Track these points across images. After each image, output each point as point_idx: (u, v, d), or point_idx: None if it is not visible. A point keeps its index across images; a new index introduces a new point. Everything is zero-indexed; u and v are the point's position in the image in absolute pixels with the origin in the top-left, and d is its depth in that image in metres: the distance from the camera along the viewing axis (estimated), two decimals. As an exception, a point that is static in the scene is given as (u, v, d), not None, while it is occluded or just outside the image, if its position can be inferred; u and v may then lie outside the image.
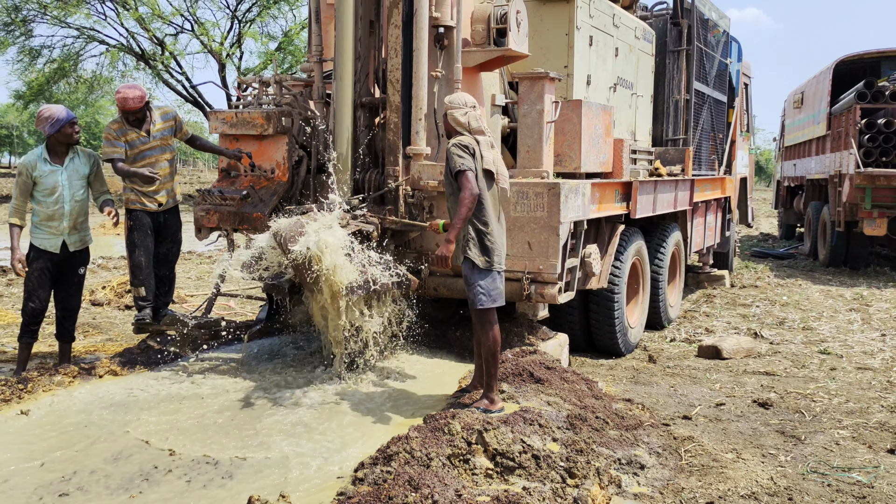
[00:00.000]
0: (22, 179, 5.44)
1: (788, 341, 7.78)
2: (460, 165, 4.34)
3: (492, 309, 4.49)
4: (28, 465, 3.85)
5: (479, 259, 4.42)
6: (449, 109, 4.53)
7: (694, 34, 9.11)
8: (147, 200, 5.59)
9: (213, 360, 5.61)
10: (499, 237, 4.50)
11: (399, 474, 3.53)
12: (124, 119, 5.51)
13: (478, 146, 4.41)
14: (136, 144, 5.53)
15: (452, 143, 4.44)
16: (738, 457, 4.50)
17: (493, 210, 4.47)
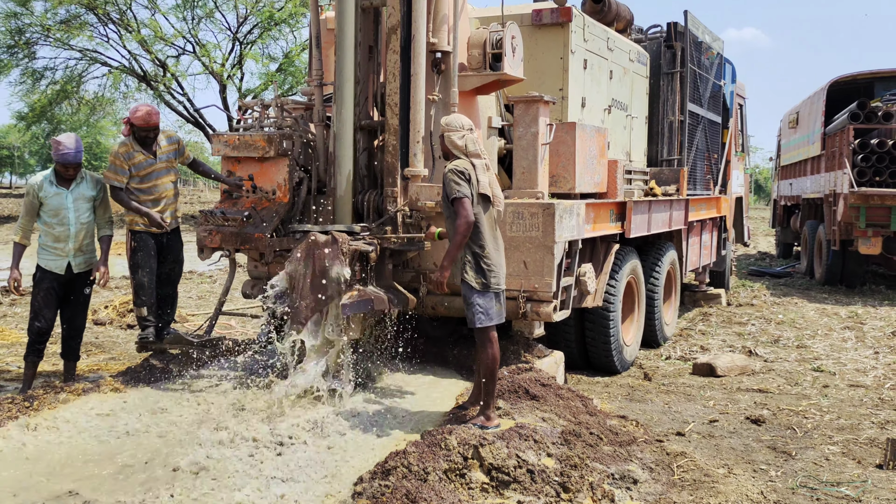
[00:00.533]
0: (28, 199, 5.59)
1: (783, 359, 7.88)
2: (456, 193, 4.47)
3: (491, 327, 4.60)
4: (36, 480, 3.94)
5: (476, 281, 4.54)
6: (446, 132, 4.66)
7: (687, 57, 9.29)
8: (153, 224, 5.72)
9: (215, 377, 5.70)
10: (496, 258, 4.62)
11: (396, 488, 3.62)
12: (135, 140, 5.66)
13: (473, 170, 4.54)
14: (142, 166, 5.68)
15: (449, 168, 4.56)
16: (729, 472, 4.60)
17: (489, 233, 4.59)
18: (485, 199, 4.59)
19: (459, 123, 4.66)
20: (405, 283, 5.92)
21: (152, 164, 5.73)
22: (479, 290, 4.55)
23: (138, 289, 5.68)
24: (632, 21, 9.07)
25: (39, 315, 5.62)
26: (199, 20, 29.32)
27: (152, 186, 5.74)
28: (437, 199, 5.64)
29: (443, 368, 6.17)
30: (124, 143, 5.72)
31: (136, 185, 5.70)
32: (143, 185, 5.71)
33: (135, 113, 5.63)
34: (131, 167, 5.65)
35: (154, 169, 5.75)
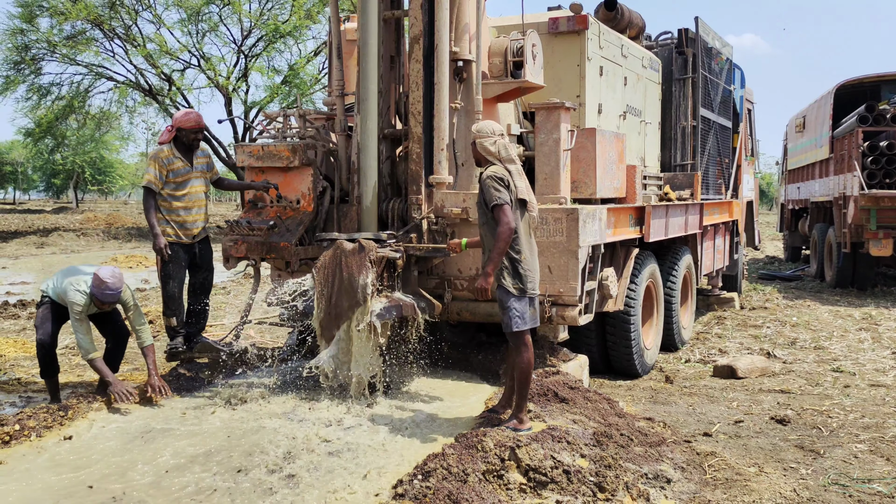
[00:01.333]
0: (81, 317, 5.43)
1: (801, 360, 7.91)
2: (497, 199, 4.50)
3: (526, 332, 4.64)
4: (77, 489, 3.99)
5: (513, 287, 4.57)
6: (478, 138, 4.70)
7: (699, 62, 9.37)
8: (183, 233, 5.81)
9: (244, 386, 5.76)
10: (532, 263, 4.66)
11: (439, 489, 3.67)
12: (175, 147, 5.80)
13: (510, 177, 4.58)
14: (180, 173, 5.82)
15: (487, 174, 4.58)
16: (760, 471, 4.63)
17: (525, 238, 4.63)
18: (522, 204, 4.63)
19: (490, 129, 4.70)
20: (430, 290, 5.98)
21: (189, 172, 5.88)
22: (516, 295, 4.59)
23: (168, 300, 5.75)
24: (644, 28, 9.15)
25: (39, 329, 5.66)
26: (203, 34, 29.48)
27: (186, 194, 5.88)
28: (462, 205, 5.72)
29: (467, 373, 6.22)
30: (164, 149, 5.84)
31: (170, 191, 5.83)
32: (177, 191, 5.84)
33: (185, 117, 5.83)
34: (169, 172, 5.78)
35: (190, 177, 5.89)
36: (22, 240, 23.45)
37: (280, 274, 6.55)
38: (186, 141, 5.92)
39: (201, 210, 5.97)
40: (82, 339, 5.35)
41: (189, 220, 5.88)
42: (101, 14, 26.28)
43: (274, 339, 8.45)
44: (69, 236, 24.82)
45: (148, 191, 5.80)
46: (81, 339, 5.35)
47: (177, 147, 5.90)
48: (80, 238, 24.85)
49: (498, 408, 5.01)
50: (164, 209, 5.83)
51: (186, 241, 5.86)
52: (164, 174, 5.78)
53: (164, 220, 5.82)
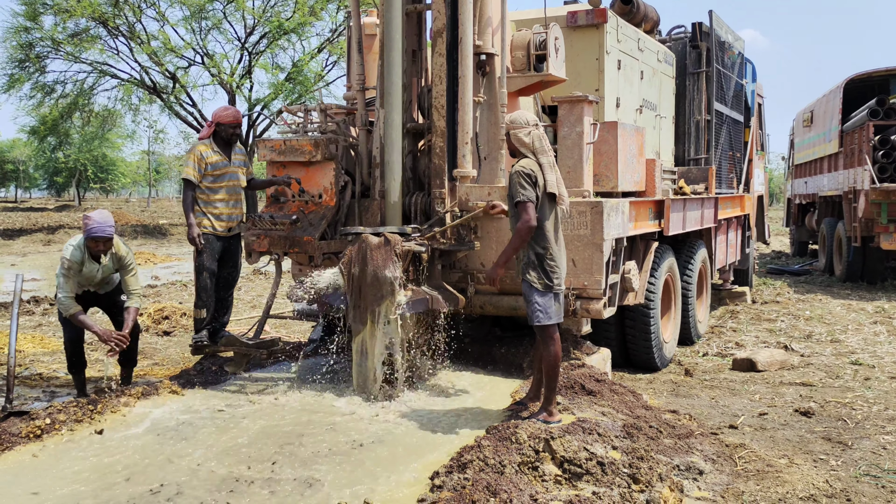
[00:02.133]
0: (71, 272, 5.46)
1: (819, 353, 7.92)
2: (520, 196, 4.51)
3: (552, 325, 4.64)
4: (115, 481, 4.00)
5: (538, 282, 4.58)
6: (512, 129, 4.67)
7: (713, 56, 9.36)
8: (219, 225, 5.90)
9: (269, 379, 5.77)
10: (559, 258, 4.66)
11: (477, 481, 3.68)
12: (214, 141, 5.99)
13: (540, 171, 4.57)
14: (218, 166, 5.95)
15: (515, 169, 4.57)
16: (791, 462, 4.64)
17: (552, 233, 4.63)
18: (551, 198, 4.62)
19: (525, 120, 4.68)
20: (453, 284, 5.98)
21: (227, 166, 6.02)
22: (541, 290, 4.59)
23: (201, 291, 5.79)
24: (658, 22, 9.15)
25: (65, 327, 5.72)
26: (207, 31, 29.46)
27: (223, 187, 6.02)
28: (487, 199, 5.72)
29: (490, 367, 6.22)
30: (204, 143, 5.97)
31: (208, 184, 5.95)
32: (214, 184, 5.97)
33: (224, 112, 6.04)
34: (207, 165, 5.90)
35: (228, 170, 6.03)
36: (28, 237, 23.46)
37: (301, 268, 6.56)
38: (225, 136, 6.08)
39: (238, 203, 6.11)
40: (63, 297, 5.38)
41: (226, 213, 6.04)
42: (106, 11, 26.23)
43: (289, 334, 8.46)
44: (75, 233, 24.78)
45: (187, 183, 5.96)
46: (62, 297, 5.38)
47: (215, 142, 6.07)
48: (85, 235, 24.82)
49: (526, 400, 5.02)
50: (202, 201, 5.98)
51: (222, 232, 5.94)
52: (202, 167, 5.91)
53: (201, 212, 5.94)
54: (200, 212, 5.95)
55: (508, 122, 4.73)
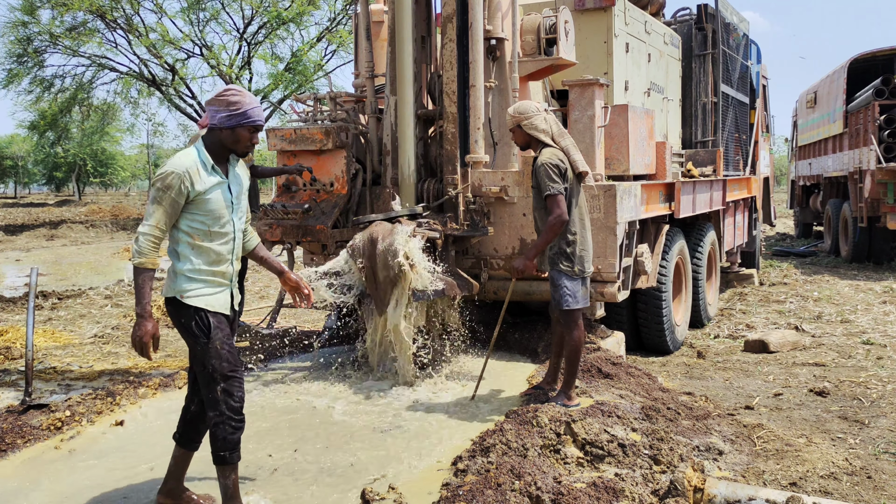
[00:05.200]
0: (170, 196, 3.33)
1: (830, 334, 7.93)
2: (551, 189, 4.45)
3: (578, 311, 4.64)
4: (137, 471, 4.01)
5: (570, 270, 4.58)
6: (524, 121, 4.59)
7: (719, 38, 9.32)
8: None
9: (285, 368, 5.78)
10: (586, 243, 4.65)
11: (501, 464, 3.69)
12: None
13: (567, 157, 4.54)
14: None
15: (544, 160, 4.48)
16: (809, 441, 4.66)
17: (579, 218, 4.61)
18: (579, 179, 4.60)
19: (534, 108, 4.63)
20: (466, 269, 5.98)
21: None
22: (570, 276, 4.58)
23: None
24: (664, 5, 9.10)
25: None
26: (205, 22, 29.34)
27: None
28: (500, 184, 5.71)
29: (505, 352, 6.23)
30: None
31: None
32: None
33: None
34: None
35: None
36: (31, 233, 23.44)
37: (314, 257, 6.56)
38: None
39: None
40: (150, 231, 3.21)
41: None
42: (103, 4, 26.11)
43: (302, 324, 8.47)
44: (78, 228, 24.82)
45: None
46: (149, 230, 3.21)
47: None
48: (88, 230, 24.84)
49: (543, 384, 5.02)
50: None
51: None
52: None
53: None
54: None
55: (517, 113, 4.60)
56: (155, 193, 3.24)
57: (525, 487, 3.53)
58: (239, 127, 3.34)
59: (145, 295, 3.24)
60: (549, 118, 4.61)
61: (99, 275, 14.43)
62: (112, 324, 8.72)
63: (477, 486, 3.46)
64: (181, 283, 3.30)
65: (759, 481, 4.06)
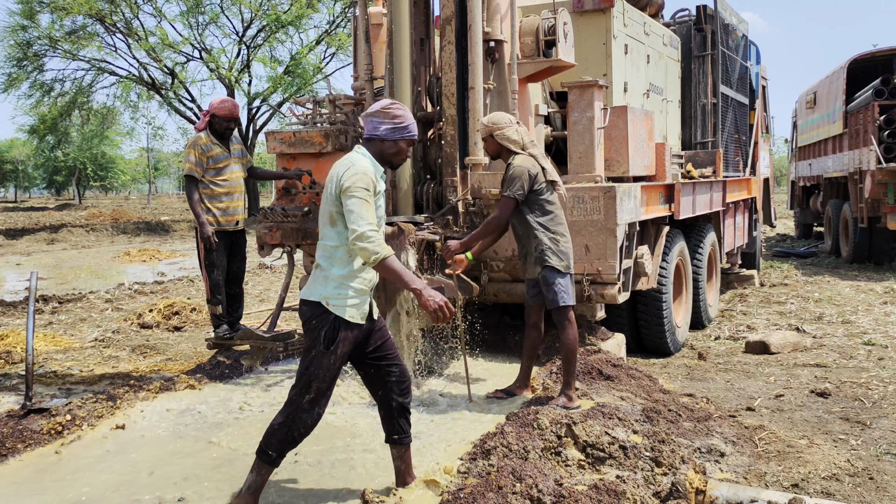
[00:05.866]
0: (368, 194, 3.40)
1: (831, 335, 7.92)
2: (508, 191, 4.64)
3: (570, 308, 4.67)
4: (138, 474, 4.00)
5: (560, 265, 4.67)
6: (496, 131, 4.73)
7: (718, 39, 9.33)
8: (225, 220, 5.85)
9: (286, 372, 5.77)
10: (569, 241, 4.80)
11: (502, 467, 3.68)
12: (213, 133, 5.86)
13: (539, 165, 4.69)
14: (219, 159, 5.86)
15: (517, 165, 4.66)
16: (811, 442, 4.65)
17: (559, 216, 4.76)
18: (553, 185, 4.71)
19: (507, 119, 4.78)
20: (466, 272, 5.95)
21: (227, 158, 5.94)
22: (562, 273, 4.65)
23: (214, 287, 5.78)
24: (662, 6, 9.10)
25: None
26: (205, 26, 29.39)
27: (226, 179, 5.96)
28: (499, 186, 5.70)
29: (504, 355, 6.23)
30: (202, 135, 5.89)
31: (210, 177, 5.89)
32: (217, 177, 5.90)
33: (220, 104, 5.88)
34: (209, 159, 5.84)
35: (229, 162, 5.96)
36: (32, 237, 23.45)
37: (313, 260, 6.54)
38: (219, 129, 5.96)
39: (241, 195, 6.05)
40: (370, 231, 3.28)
41: (231, 206, 5.96)
42: (102, 8, 26.18)
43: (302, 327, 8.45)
44: (78, 232, 24.80)
45: (190, 178, 5.85)
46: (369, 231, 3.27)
47: (212, 133, 5.93)
48: (88, 233, 24.84)
49: (513, 388, 5.07)
50: (206, 196, 5.87)
51: (229, 228, 5.90)
52: (203, 161, 5.83)
53: (205, 208, 5.85)
54: (205, 208, 5.87)
55: (491, 123, 4.76)
56: (360, 194, 3.30)
57: (526, 490, 3.52)
58: (401, 140, 3.53)
59: (408, 273, 3.39)
60: (520, 129, 4.73)
61: (99, 279, 14.43)
62: (112, 328, 8.71)
63: (478, 489, 3.46)
64: (331, 288, 3.41)
65: (760, 483, 4.05)
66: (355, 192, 3.29)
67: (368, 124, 3.53)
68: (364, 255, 3.28)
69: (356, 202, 3.27)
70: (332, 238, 3.42)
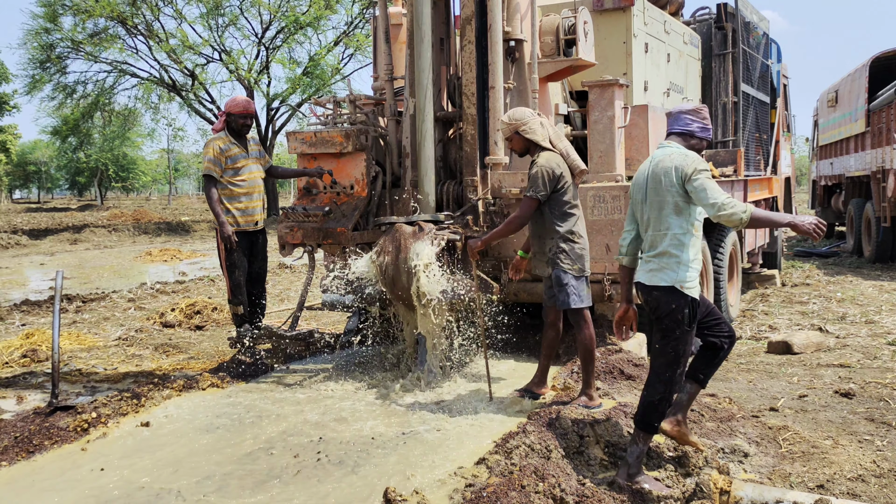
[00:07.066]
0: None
1: (854, 335, 7.84)
2: (530, 191, 4.59)
3: (585, 309, 4.66)
4: (162, 472, 4.05)
5: (573, 268, 4.66)
6: (521, 128, 4.69)
7: (738, 37, 9.26)
8: (245, 220, 5.89)
9: (308, 371, 5.80)
10: (586, 242, 4.78)
11: (525, 466, 3.68)
12: (229, 133, 5.87)
13: (564, 161, 4.65)
14: (237, 159, 5.89)
15: (542, 164, 4.61)
16: (836, 443, 4.60)
17: (579, 217, 4.72)
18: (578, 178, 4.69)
19: (528, 113, 4.74)
20: (486, 271, 5.98)
21: (245, 158, 5.97)
22: (575, 275, 4.64)
23: (235, 288, 5.82)
24: (683, 4, 9.05)
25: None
26: (224, 28, 29.59)
27: (244, 180, 5.99)
28: (520, 185, 5.71)
29: (525, 354, 6.23)
30: (220, 136, 5.92)
31: (229, 178, 5.91)
32: (236, 178, 5.93)
33: (233, 102, 5.92)
34: (227, 159, 5.87)
35: (248, 162, 5.99)
36: (55, 237, 23.74)
37: (335, 260, 6.58)
38: (236, 127, 6.01)
39: (261, 195, 6.07)
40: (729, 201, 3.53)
41: (251, 206, 5.99)
42: (124, 11, 26.43)
43: (323, 326, 8.50)
44: (101, 232, 25.08)
45: (209, 179, 5.88)
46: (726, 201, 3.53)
47: (230, 134, 5.96)
48: (111, 234, 25.10)
49: (531, 386, 5.05)
50: (225, 197, 5.90)
51: (249, 228, 5.93)
52: (222, 161, 5.86)
53: (224, 208, 5.88)
54: (224, 208, 5.90)
55: (514, 121, 4.72)
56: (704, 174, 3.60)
57: (549, 489, 3.52)
58: (706, 139, 3.92)
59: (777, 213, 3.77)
60: (544, 122, 4.67)
61: (122, 278, 14.58)
62: (135, 326, 8.81)
63: (500, 488, 3.46)
64: (683, 272, 3.71)
65: (785, 484, 4.02)
66: (700, 173, 3.59)
67: (679, 121, 3.86)
68: (734, 220, 3.50)
69: (703, 181, 3.57)
70: (680, 226, 3.71)
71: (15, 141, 45.90)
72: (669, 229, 3.71)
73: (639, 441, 3.81)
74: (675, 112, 3.92)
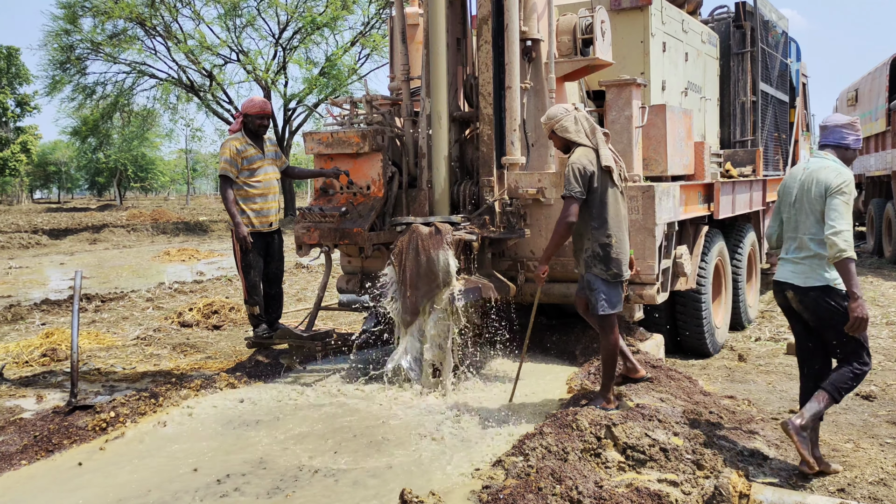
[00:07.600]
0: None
1: (875, 336, 7.74)
2: (566, 190, 4.48)
3: (613, 315, 4.60)
4: (181, 472, 4.07)
5: (607, 274, 4.54)
6: (556, 125, 4.62)
7: (757, 36, 9.18)
8: (260, 221, 5.91)
9: (325, 371, 5.81)
10: (622, 244, 4.59)
11: (542, 468, 3.67)
12: (245, 134, 5.89)
13: (597, 157, 4.52)
14: (254, 160, 5.91)
15: (572, 162, 4.51)
16: (857, 446, 4.55)
17: (614, 218, 4.55)
18: (608, 174, 4.55)
19: (562, 109, 4.66)
20: (503, 272, 5.96)
21: (262, 159, 5.99)
22: (609, 281, 4.55)
23: (251, 288, 5.84)
24: (701, 3, 8.99)
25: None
26: (242, 28, 29.75)
27: (260, 181, 6.00)
28: (537, 185, 5.69)
29: (542, 355, 6.20)
30: (237, 137, 5.94)
31: (245, 178, 5.93)
32: (251, 178, 5.95)
33: (249, 103, 5.96)
34: (243, 160, 5.89)
35: (264, 164, 6.01)
36: (75, 237, 23.96)
37: (350, 260, 6.59)
38: (253, 127, 6.04)
39: (276, 197, 6.10)
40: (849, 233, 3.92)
41: (266, 207, 6.02)
42: (143, 12, 26.64)
43: (339, 326, 8.52)
44: (120, 232, 25.28)
45: (225, 179, 5.91)
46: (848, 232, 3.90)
47: (247, 135, 5.99)
48: (129, 234, 25.30)
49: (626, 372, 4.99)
50: (241, 197, 5.93)
51: (264, 229, 5.95)
52: (238, 162, 5.89)
53: (240, 209, 5.91)
54: (240, 209, 5.93)
55: (547, 120, 4.66)
56: (847, 198, 3.92)
57: (566, 492, 3.50)
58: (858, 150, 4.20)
59: (857, 279, 3.93)
60: (579, 116, 4.59)
61: (140, 278, 14.69)
62: (153, 326, 8.86)
63: (517, 490, 3.45)
64: (833, 272, 4.02)
65: (806, 487, 3.98)
66: (843, 194, 3.90)
67: (835, 133, 4.14)
68: (834, 250, 3.82)
69: (841, 203, 3.88)
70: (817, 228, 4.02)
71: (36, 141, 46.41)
72: (817, 235, 4.00)
73: (820, 400, 4.06)
74: (831, 126, 4.16)
